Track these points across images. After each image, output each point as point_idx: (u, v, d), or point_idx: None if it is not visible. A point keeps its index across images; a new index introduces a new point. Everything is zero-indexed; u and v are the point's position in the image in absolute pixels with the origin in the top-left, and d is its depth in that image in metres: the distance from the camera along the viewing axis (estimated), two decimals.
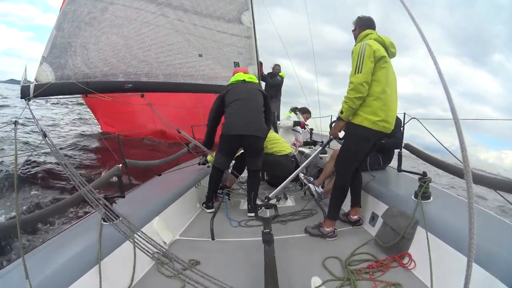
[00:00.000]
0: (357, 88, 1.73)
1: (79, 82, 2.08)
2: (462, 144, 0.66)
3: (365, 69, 1.72)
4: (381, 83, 1.77)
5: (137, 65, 2.41)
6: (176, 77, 2.63)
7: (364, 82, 1.72)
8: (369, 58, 1.72)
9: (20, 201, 4.66)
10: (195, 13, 2.80)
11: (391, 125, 1.87)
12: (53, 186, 5.90)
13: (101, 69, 2.23)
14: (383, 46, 1.83)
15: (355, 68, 1.75)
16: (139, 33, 2.43)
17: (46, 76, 1.99)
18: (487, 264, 1.11)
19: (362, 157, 1.97)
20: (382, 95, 1.77)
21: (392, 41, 1.88)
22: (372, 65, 1.73)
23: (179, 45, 2.67)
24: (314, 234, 1.98)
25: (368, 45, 1.74)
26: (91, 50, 2.20)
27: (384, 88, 1.77)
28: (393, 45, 1.89)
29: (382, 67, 1.77)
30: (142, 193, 2.30)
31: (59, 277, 1.12)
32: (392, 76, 1.87)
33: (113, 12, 2.30)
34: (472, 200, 0.66)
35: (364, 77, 1.72)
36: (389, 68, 1.82)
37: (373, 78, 1.76)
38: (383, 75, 1.77)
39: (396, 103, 1.92)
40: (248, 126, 2.31)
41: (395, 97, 1.90)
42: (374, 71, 1.75)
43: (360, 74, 1.72)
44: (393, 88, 1.86)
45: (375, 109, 1.78)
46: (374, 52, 1.73)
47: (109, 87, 2.33)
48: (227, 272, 1.54)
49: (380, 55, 1.75)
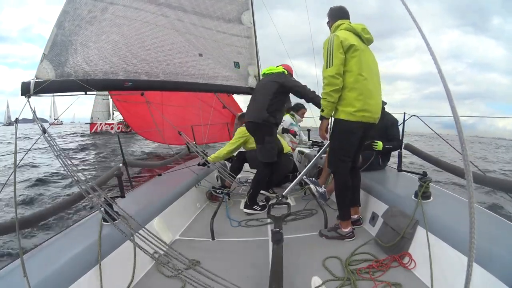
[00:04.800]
0: (330, 82, 1.71)
1: (79, 80, 2.08)
2: (463, 144, 0.66)
3: (336, 61, 1.70)
4: (353, 72, 1.73)
5: (137, 63, 2.41)
6: (176, 76, 2.63)
7: (336, 74, 1.70)
8: (338, 50, 1.70)
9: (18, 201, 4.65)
10: (195, 13, 2.80)
11: (373, 113, 1.82)
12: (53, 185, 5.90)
13: (101, 67, 2.23)
14: (355, 34, 1.80)
15: (326, 62, 1.74)
16: (139, 33, 2.43)
17: (47, 73, 1.99)
18: (487, 264, 1.10)
19: (352, 152, 1.89)
20: (356, 85, 1.73)
21: (365, 26, 1.84)
22: (342, 56, 1.70)
23: (179, 45, 2.67)
24: (332, 237, 1.91)
25: (336, 36, 1.72)
26: (91, 48, 2.19)
27: (357, 77, 1.73)
28: (366, 31, 1.84)
29: (353, 56, 1.73)
30: (142, 193, 2.31)
31: (59, 277, 1.12)
32: (369, 63, 1.81)
33: (113, 12, 2.30)
34: (472, 200, 0.66)
35: (336, 69, 1.70)
36: (362, 56, 1.76)
37: (345, 69, 1.73)
38: (354, 65, 1.73)
39: (378, 91, 1.87)
40: (248, 114, 2.62)
41: (376, 85, 1.84)
42: (345, 62, 1.72)
43: (332, 67, 1.71)
44: (371, 75, 1.80)
45: (350, 100, 1.75)
46: (342, 42, 1.70)
47: (109, 85, 2.33)
48: (227, 272, 1.54)
49: (348, 44, 1.71)
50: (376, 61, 1.92)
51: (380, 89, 1.91)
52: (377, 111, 1.85)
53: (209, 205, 2.80)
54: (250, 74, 3.24)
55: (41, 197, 4.99)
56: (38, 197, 4.96)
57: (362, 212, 2.16)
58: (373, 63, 1.86)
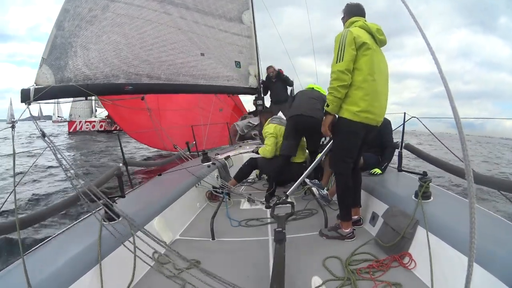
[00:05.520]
0: (339, 77, 1.67)
1: (79, 85, 2.05)
2: (463, 144, 0.66)
3: (346, 57, 1.66)
4: (363, 71, 1.69)
5: (139, 65, 2.38)
6: (177, 76, 2.60)
7: (346, 70, 1.66)
8: (350, 46, 1.66)
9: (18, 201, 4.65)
10: (197, 10, 2.77)
11: (377, 116, 1.78)
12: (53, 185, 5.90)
13: (102, 70, 2.20)
14: (369, 33, 1.76)
15: (336, 57, 1.69)
16: (141, 32, 2.39)
17: (46, 79, 1.95)
18: (487, 264, 1.10)
19: (354, 152, 1.86)
20: (364, 84, 1.69)
21: (380, 27, 1.80)
22: (353, 53, 1.66)
23: (181, 44, 2.64)
24: (332, 237, 1.90)
25: (349, 31, 1.68)
26: (92, 50, 2.16)
27: (366, 77, 1.68)
28: (381, 31, 1.79)
29: (364, 55, 1.68)
30: (142, 193, 2.30)
31: (59, 277, 1.12)
32: (380, 65, 1.77)
33: (115, 10, 2.26)
34: (473, 200, 0.66)
35: (346, 65, 1.65)
36: (374, 56, 1.72)
37: (355, 66, 1.69)
38: (365, 63, 1.69)
39: (385, 94, 1.82)
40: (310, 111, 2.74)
41: (383, 88, 1.80)
42: (356, 59, 1.68)
43: (342, 62, 1.66)
44: (380, 77, 1.75)
45: (356, 99, 1.70)
46: (355, 38, 1.66)
47: (109, 90, 2.29)
48: (227, 271, 1.54)
49: (361, 42, 1.67)
50: (387, 63, 1.88)
51: (387, 93, 1.87)
52: (381, 114, 1.82)
53: (209, 205, 2.80)
54: (251, 74, 3.24)
55: (41, 197, 5.00)
56: (38, 197, 4.97)
57: (362, 212, 2.16)
58: (384, 66, 1.82)
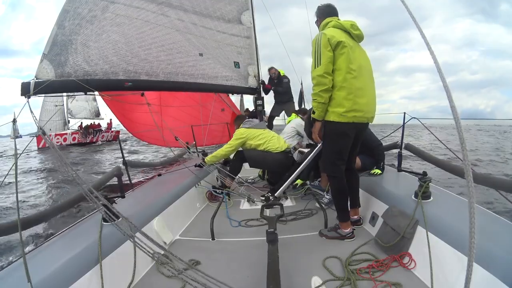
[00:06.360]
0: (319, 82, 1.66)
1: (79, 80, 2.08)
2: (463, 144, 0.66)
3: (324, 60, 1.65)
4: (342, 71, 1.67)
5: (138, 63, 2.41)
6: (176, 75, 2.62)
7: (325, 73, 1.65)
8: (326, 48, 1.65)
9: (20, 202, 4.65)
10: (195, 13, 2.80)
11: (366, 113, 1.76)
12: (53, 186, 5.91)
13: (101, 66, 2.22)
14: (344, 30, 1.75)
15: (314, 62, 1.68)
16: (139, 32, 2.42)
17: (47, 73, 1.99)
18: (487, 263, 1.10)
19: (345, 154, 1.84)
20: (345, 84, 1.67)
21: (354, 23, 1.78)
22: (330, 54, 1.65)
23: (179, 44, 2.66)
24: (332, 237, 1.90)
25: (323, 34, 1.68)
26: (91, 47, 2.19)
27: (345, 75, 1.67)
28: (355, 27, 1.78)
29: (341, 54, 1.67)
30: (142, 193, 2.31)
31: (59, 277, 1.12)
32: (360, 61, 1.74)
33: (114, 10, 2.30)
34: (473, 200, 0.66)
35: (324, 68, 1.65)
36: (351, 53, 1.69)
37: (334, 67, 1.68)
38: (342, 62, 1.67)
39: (370, 89, 1.80)
40: None
41: (367, 83, 1.77)
42: (334, 60, 1.67)
43: (320, 66, 1.66)
44: (362, 73, 1.73)
45: (340, 99, 1.69)
46: (329, 39, 1.65)
47: (108, 85, 2.33)
48: (227, 272, 1.54)
49: (336, 41, 1.65)
50: (368, 58, 1.86)
51: (373, 87, 1.84)
52: (370, 110, 1.80)
53: (209, 205, 2.80)
54: (250, 74, 3.25)
55: (40, 197, 5.00)
56: (37, 197, 4.97)
57: (362, 212, 2.16)
58: (364, 60, 1.80)
